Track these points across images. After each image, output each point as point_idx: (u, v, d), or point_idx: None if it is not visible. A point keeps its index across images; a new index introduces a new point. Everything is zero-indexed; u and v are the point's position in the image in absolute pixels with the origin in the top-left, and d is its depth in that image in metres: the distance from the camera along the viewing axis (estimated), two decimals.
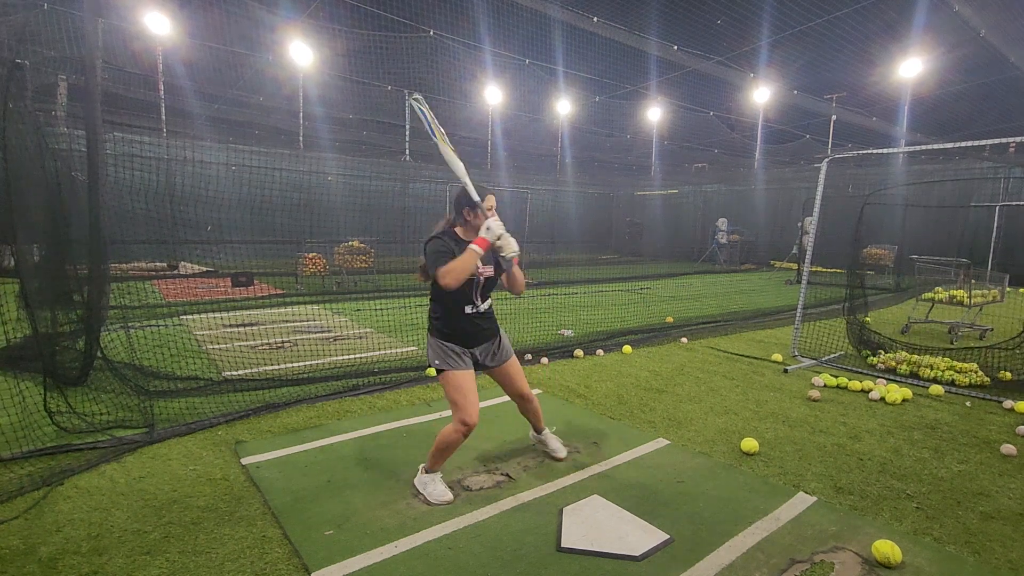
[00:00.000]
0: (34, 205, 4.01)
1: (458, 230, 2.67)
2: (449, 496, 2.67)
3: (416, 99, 2.68)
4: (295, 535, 2.35)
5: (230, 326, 6.57)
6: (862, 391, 4.61)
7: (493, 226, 2.48)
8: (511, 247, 2.51)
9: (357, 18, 13.94)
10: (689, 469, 3.08)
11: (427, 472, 2.74)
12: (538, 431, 3.22)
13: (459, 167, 2.59)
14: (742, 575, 2.17)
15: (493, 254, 2.64)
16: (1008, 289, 7.42)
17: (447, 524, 2.47)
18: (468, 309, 2.68)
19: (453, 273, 2.41)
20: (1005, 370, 4.82)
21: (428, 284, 2.68)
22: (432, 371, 4.78)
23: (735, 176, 23.20)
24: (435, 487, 2.68)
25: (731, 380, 4.91)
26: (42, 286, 4.05)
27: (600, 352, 5.78)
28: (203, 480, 2.82)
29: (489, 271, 2.69)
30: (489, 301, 2.79)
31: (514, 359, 2.95)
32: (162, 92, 14.06)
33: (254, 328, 6.53)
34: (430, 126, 2.66)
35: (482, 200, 2.57)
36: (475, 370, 2.79)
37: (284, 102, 17.31)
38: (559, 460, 3.15)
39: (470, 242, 2.52)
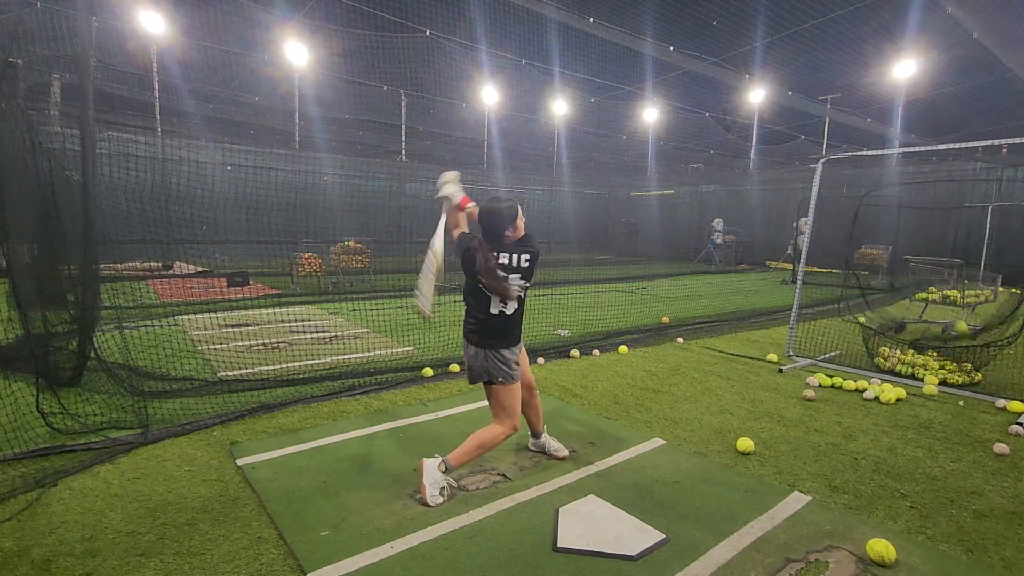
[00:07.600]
0: (26, 204, 3.98)
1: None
2: (440, 500, 2.66)
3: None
4: (291, 536, 2.34)
5: (225, 326, 6.55)
6: (856, 391, 4.63)
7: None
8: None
9: (353, 18, 13.90)
10: (685, 469, 3.09)
11: (448, 470, 2.71)
12: (536, 435, 3.24)
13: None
14: (738, 574, 2.18)
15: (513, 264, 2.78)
16: (1000, 289, 7.47)
17: (443, 524, 2.47)
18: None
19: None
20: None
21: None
22: (429, 371, 4.82)
23: (731, 177, 23.30)
24: (439, 488, 2.67)
25: (727, 380, 4.93)
26: (34, 286, 4.03)
27: (596, 352, 5.79)
28: (198, 481, 2.81)
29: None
30: (500, 307, 2.77)
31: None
32: (156, 91, 13.99)
33: (250, 328, 6.51)
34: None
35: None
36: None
37: (280, 102, 17.23)
38: (562, 459, 3.16)
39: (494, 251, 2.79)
